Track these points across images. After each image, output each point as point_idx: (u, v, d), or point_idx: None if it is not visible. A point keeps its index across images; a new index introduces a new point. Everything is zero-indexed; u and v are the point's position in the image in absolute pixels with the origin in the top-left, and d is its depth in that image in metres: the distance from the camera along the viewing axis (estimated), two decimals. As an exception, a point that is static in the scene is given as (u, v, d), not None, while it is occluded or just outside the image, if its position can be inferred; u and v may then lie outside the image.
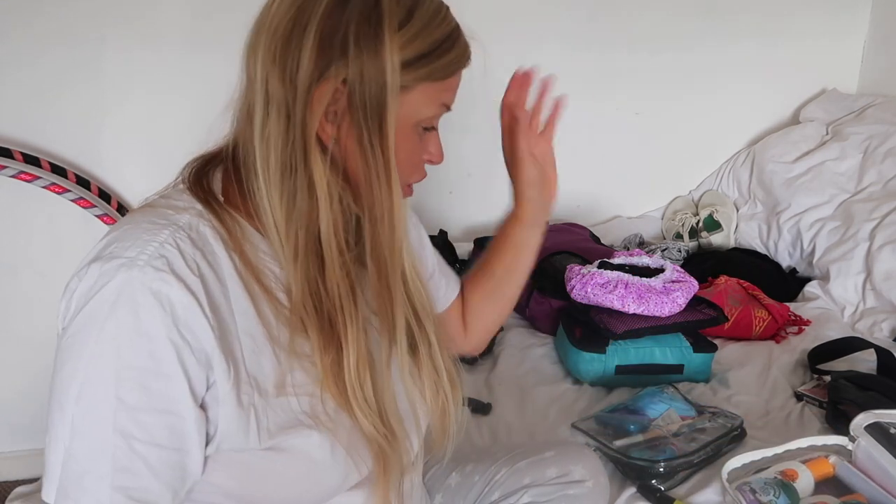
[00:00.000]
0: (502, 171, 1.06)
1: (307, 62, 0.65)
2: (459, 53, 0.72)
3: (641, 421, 1.26)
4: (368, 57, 0.65)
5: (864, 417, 1.14)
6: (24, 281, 1.92)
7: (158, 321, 0.62)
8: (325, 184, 0.68)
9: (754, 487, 1.05)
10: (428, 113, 0.73)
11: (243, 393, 0.67)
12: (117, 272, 0.62)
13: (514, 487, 0.99)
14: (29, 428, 2.02)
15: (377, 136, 0.68)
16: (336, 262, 0.70)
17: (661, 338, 1.48)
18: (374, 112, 0.67)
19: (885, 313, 1.73)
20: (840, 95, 2.29)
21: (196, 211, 0.69)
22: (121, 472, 0.62)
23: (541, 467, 1.00)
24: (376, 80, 0.66)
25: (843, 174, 2.06)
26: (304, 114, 0.66)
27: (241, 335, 0.68)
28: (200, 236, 0.67)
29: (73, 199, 1.79)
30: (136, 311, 0.61)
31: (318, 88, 0.66)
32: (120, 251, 0.64)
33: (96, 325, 0.62)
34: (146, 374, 0.62)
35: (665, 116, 2.26)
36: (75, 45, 1.77)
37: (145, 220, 0.67)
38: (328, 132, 0.68)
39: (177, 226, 0.67)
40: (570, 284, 1.56)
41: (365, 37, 0.65)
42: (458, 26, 0.72)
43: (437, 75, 0.70)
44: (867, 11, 2.29)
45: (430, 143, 0.77)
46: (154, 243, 0.64)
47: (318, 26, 0.65)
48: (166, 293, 0.62)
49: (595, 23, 2.11)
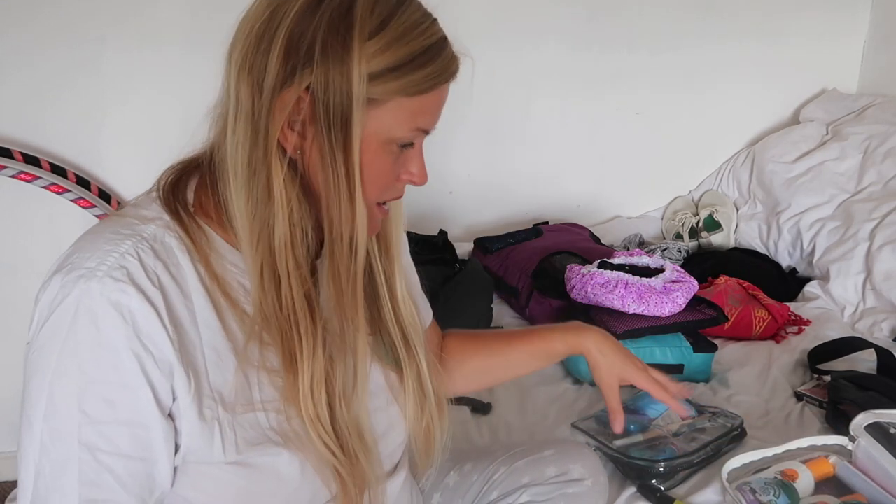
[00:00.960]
0: (502, 171, 1.06)
1: (273, 67, 0.63)
2: (439, 67, 0.67)
3: (641, 421, 1.26)
4: (334, 65, 0.62)
5: (864, 417, 1.14)
6: (24, 281, 1.91)
7: (120, 332, 0.61)
8: (283, 192, 0.66)
9: (754, 487, 1.05)
10: (400, 132, 0.68)
11: (206, 407, 0.66)
12: (76, 283, 0.61)
13: (513, 486, 0.99)
14: (29, 428, 2.02)
15: (340, 150, 0.65)
16: (292, 275, 0.67)
17: (661, 338, 1.48)
18: (339, 124, 0.64)
19: (885, 313, 1.73)
20: (840, 95, 2.29)
21: (163, 222, 0.68)
22: (87, 486, 0.62)
23: (540, 466, 0.99)
24: (341, 90, 0.63)
25: (843, 174, 2.06)
26: (267, 120, 0.64)
27: (206, 348, 0.66)
28: (165, 247, 0.66)
29: (73, 199, 1.79)
30: (97, 323, 0.61)
31: (281, 95, 0.64)
32: (81, 262, 0.63)
33: (58, 338, 0.61)
34: (109, 387, 0.62)
35: (665, 116, 2.26)
36: (75, 44, 1.77)
37: (109, 231, 0.66)
38: (292, 141, 0.66)
39: (140, 237, 0.65)
40: (570, 284, 1.56)
41: (332, 44, 0.62)
42: (441, 40, 0.68)
43: (412, 90, 0.66)
44: (867, 11, 2.29)
45: (410, 163, 0.72)
46: (115, 254, 0.63)
47: (287, 31, 0.63)
48: (126, 303, 0.61)
49: (595, 22, 2.11)
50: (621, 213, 2.34)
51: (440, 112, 0.71)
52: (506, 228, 2.06)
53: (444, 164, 2.11)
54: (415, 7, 0.67)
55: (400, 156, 0.70)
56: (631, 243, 2.17)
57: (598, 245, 1.99)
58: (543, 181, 2.24)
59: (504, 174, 2.18)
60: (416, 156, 0.72)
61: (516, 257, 1.86)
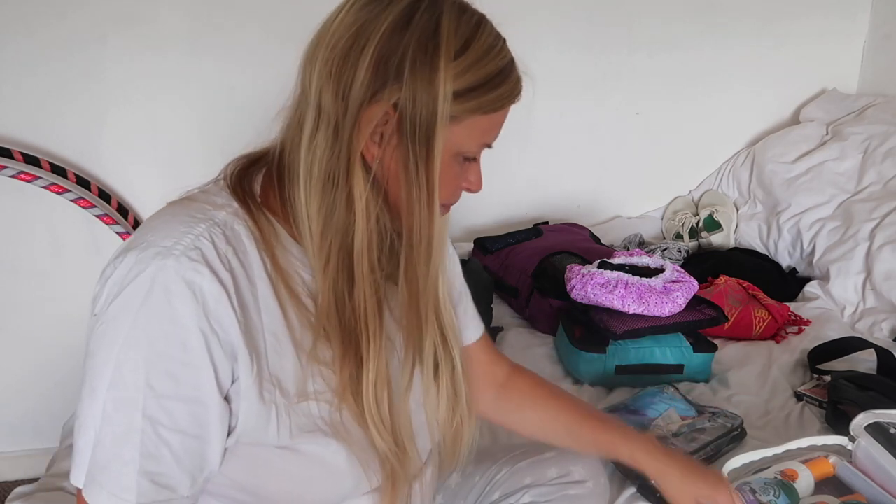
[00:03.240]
0: (502, 171, 1.06)
1: (361, 81, 0.66)
2: (510, 88, 0.72)
3: (641, 421, 1.26)
4: (422, 83, 0.66)
5: (864, 417, 1.14)
6: (24, 281, 1.92)
7: (190, 310, 0.63)
8: (365, 201, 0.69)
9: (754, 487, 1.05)
10: (470, 147, 0.73)
11: (265, 390, 0.68)
12: (152, 260, 0.64)
13: (515, 487, 0.99)
14: (29, 428, 2.02)
15: (423, 162, 0.68)
16: (366, 278, 0.71)
17: (661, 338, 1.48)
18: (423, 138, 0.67)
19: (885, 313, 1.73)
20: (840, 95, 2.29)
21: (233, 209, 0.71)
22: (147, 458, 0.64)
23: (541, 467, 1.00)
24: (427, 107, 0.66)
25: (842, 174, 2.06)
26: (351, 131, 0.67)
27: (266, 334, 0.69)
28: (234, 234, 0.69)
29: (73, 199, 1.79)
30: (170, 300, 0.63)
31: (368, 108, 0.67)
32: (157, 240, 0.65)
33: (131, 312, 0.63)
34: (175, 363, 0.64)
35: (665, 116, 2.26)
36: (76, 46, 1.77)
37: (184, 213, 0.69)
38: (373, 152, 0.69)
39: (213, 221, 0.68)
40: (570, 284, 1.56)
41: (421, 63, 0.66)
42: (512, 60, 0.72)
43: (486, 108, 0.70)
44: (867, 12, 2.29)
45: (470, 172, 0.77)
46: (190, 235, 0.66)
47: (377, 47, 0.66)
48: (199, 283, 0.64)
49: (595, 22, 2.11)
50: (621, 213, 2.34)
51: (501, 129, 0.76)
52: (506, 228, 2.06)
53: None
54: (490, 29, 0.71)
55: (464, 166, 0.75)
56: (631, 243, 2.17)
57: (598, 245, 1.99)
58: (543, 181, 2.24)
59: (504, 174, 2.18)
60: (476, 167, 0.78)
61: (516, 257, 1.86)
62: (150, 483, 0.64)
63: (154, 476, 0.64)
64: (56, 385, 1.96)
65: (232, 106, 1.88)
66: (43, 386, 1.98)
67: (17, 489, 1.21)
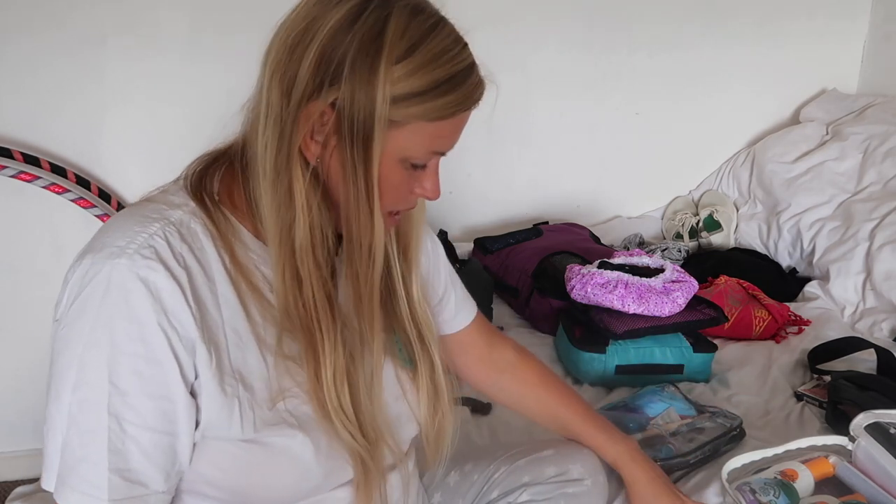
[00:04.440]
0: (501, 172, 1.06)
1: (303, 78, 0.66)
2: (462, 96, 0.69)
3: (640, 419, 1.26)
4: (360, 84, 0.65)
5: (864, 417, 1.14)
6: (23, 281, 1.92)
7: (148, 307, 0.64)
8: (305, 198, 0.69)
9: (754, 487, 1.05)
10: (416, 153, 0.70)
11: (226, 384, 0.69)
12: (107, 260, 0.64)
13: (513, 486, 0.99)
14: (29, 428, 2.02)
15: (361, 165, 0.67)
16: (312, 275, 0.70)
17: (661, 338, 1.48)
18: (360, 140, 0.66)
19: (885, 313, 1.73)
20: (840, 95, 2.29)
21: (189, 208, 0.71)
22: (115, 455, 0.64)
23: (540, 466, 1.00)
24: (365, 109, 0.65)
25: (842, 174, 2.06)
26: (292, 128, 0.67)
27: (227, 329, 0.69)
28: (190, 232, 0.69)
29: (73, 199, 1.79)
30: (127, 298, 0.64)
31: (308, 105, 0.66)
32: (111, 241, 0.66)
33: (90, 313, 0.64)
34: (138, 360, 0.64)
35: (665, 116, 2.26)
36: (76, 46, 1.77)
37: (138, 214, 0.70)
38: (312, 150, 0.68)
39: (167, 220, 0.69)
40: (570, 284, 1.56)
41: (361, 63, 0.65)
42: (467, 67, 0.69)
43: (432, 115, 0.68)
44: (867, 12, 2.29)
45: (424, 179, 0.75)
46: (144, 234, 0.67)
47: (321, 44, 0.65)
48: (153, 280, 0.64)
49: (595, 22, 2.11)
50: (621, 213, 2.34)
51: (458, 137, 0.74)
52: (506, 228, 2.06)
53: (444, 164, 2.10)
54: (446, 33, 0.68)
55: (414, 172, 0.73)
56: (631, 243, 2.17)
57: (598, 245, 1.99)
58: (543, 181, 2.24)
59: (504, 174, 2.18)
60: (431, 173, 0.75)
61: (516, 257, 1.86)
62: (121, 479, 0.64)
63: (124, 472, 0.64)
64: (56, 385, 1.96)
65: (231, 107, 1.88)
66: (43, 386, 1.97)
67: (17, 489, 1.21)
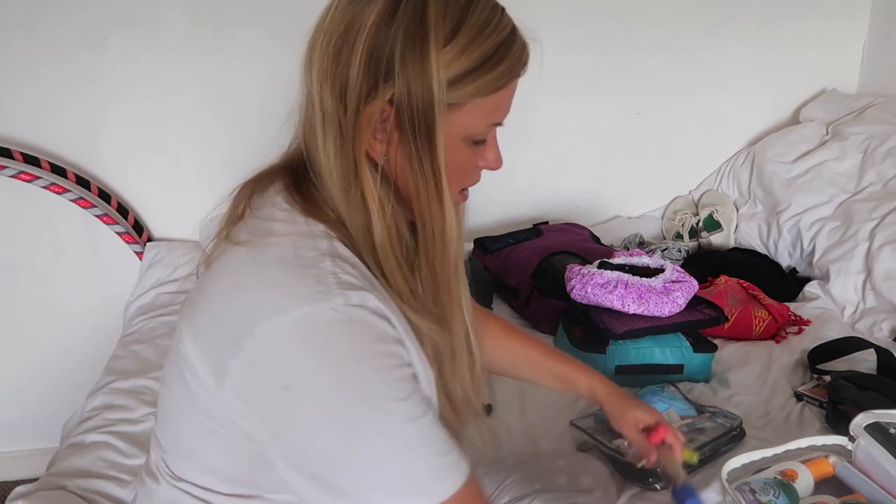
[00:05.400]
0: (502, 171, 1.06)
1: (355, 80, 0.65)
2: (512, 63, 0.69)
3: (641, 421, 1.26)
4: (414, 75, 0.64)
5: (864, 417, 1.13)
6: (24, 281, 1.92)
7: (379, 326, 0.64)
8: (378, 200, 0.68)
9: (754, 487, 1.05)
10: (478, 129, 0.71)
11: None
12: (317, 305, 0.62)
13: (525, 492, 1.00)
14: (29, 428, 2.02)
15: (427, 155, 0.67)
16: (395, 271, 0.70)
17: (661, 338, 1.48)
18: (423, 130, 0.66)
19: (885, 313, 1.73)
20: (840, 95, 2.29)
21: (321, 232, 0.69)
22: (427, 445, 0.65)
23: (551, 475, 1.02)
24: (423, 99, 0.65)
25: (842, 174, 2.06)
26: (354, 132, 0.66)
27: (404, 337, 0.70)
28: (345, 256, 0.68)
29: (73, 199, 1.79)
30: (361, 328, 0.63)
31: (366, 107, 0.66)
32: (302, 290, 0.63)
33: (335, 359, 0.62)
34: (397, 370, 0.65)
35: (665, 116, 2.26)
36: (76, 46, 1.77)
37: (298, 256, 0.66)
38: (377, 150, 0.68)
39: (325, 253, 0.66)
40: (570, 284, 1.56)
41: (410, 55, 0.64)
42: (512, 31, 0.70)
43: (488, 89, 0.68)
44: (867, 12, 2.29)
45: (487, 151, 0.75)
46: (329, 275, 0.64)
47: (366, 44, 0.65)
48: (369, 304, 0.64)
49: (595, 22, 2.11)
50: (621, 213, 2.34)
51: (511, 103, 0.73)
52: (506, 228, 2.06)
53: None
54: (483, 3, 0.68)
55: (477, 148, 0.73)
56: (631, 243, 2.17)
57: (598, 245, 1.99)
58: (543, 181, 2.24)
59: (504, 174, 2.17)
60: (492, 145, 0.76)
61: (516, 257, 1.86)
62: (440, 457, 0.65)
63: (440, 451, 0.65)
64: (56, 385, 1.96)
65: (231, 106, 1.88)
66: (43, 386, 1.98)
67: (18, 489, 1.21)
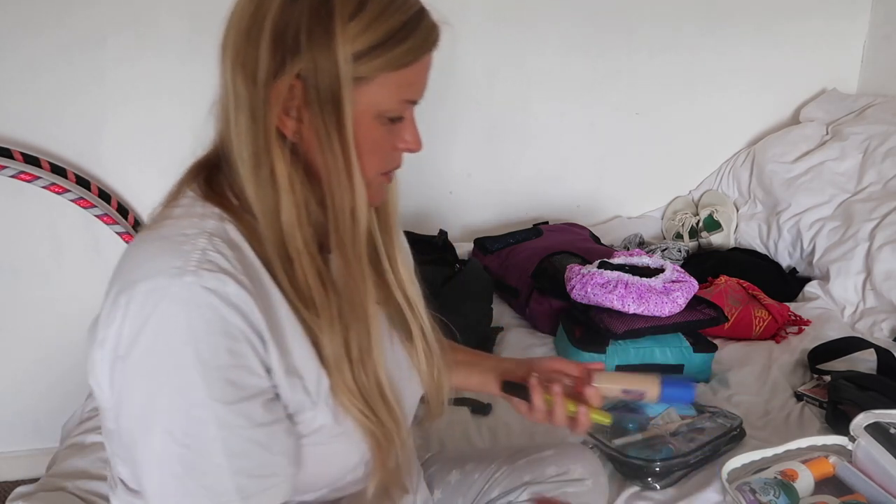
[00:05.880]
0: (501, 172, 1.06)
1: (264, 59, 0.66)
2: (420, 40, 0.69)
3: (640, 419, 1.26)
4: (320, 51, 0.65)
5: (864, 417, 1.14)
6: (24, 281, 1.92)
7: (225, 316, 0.63)
8: (287, 177, 0.69)
9: (754, 487, 1.05)
10: (390, 105, 0.70)
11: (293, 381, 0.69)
12: (171, 283, 0.62)
13: (514, 485, 0.99)
14: (29, 428, 2.02)
15: (335, 130, 0.68)
16: (302, 254, 0.70)
17: (661, 338, 1.48)
18: (330, 106, 0.67)
19: (885, 313, 1.73)
20: (840, 95, 2.29)
21: (216, 215, 0.70)
22: (235, 459, 0.64)
23: (540, 466, 1.00)
24: (329, 74, 0.66)
25: (842, 174, 2.06)
26: (264, 110, 0.67)
27: (287, 323, 0.69)
28: (229, 238, 0.68)
29: (73, 199, 1.79)
30: (203, 313, 0.62)
31: (275, 84, 0.66)
32: (163, 264, 0.64)
33: (167, 338, 0.62)
34: (231, 370, 0.63)
35: (665, 116, 2.26)
36: (76, 46, 1.77)
37: (176, 233, 0.67)
38: (289, 127, 0.69)
39: (208, 233, 0.67)
40: (570, 284, 1.56)
41: (316, 30, 0.65)
42: (420, 10, 0.70)
43: (396, 64, 0.68)
44: (867, 11, 2.29)
45: (404, 131, 0.75)
46: (196, 251, 0.65)
47: (273, 22, 0.66)
48: (223, 290, 0.63)
49: (595, 22, 2.11)
50: (621, 213, 2.34)
51: (425, 82, 0.73)
52: (506, 228, 2.06)
53: (444, 164, 2.11)
54: None
55: (393, 127, 0.73)
56: (631, 243, 2.17)
57: (598, 245, 1.99)
58: (543, 181, 2.24)
59: (504, 174, 2.18)
60: (409, 125, 0.75)
61: (516, 257, 1.86)
62: (248, 478, 0.64)
63: (250, 472, 0.65)
64: (56, 385, 1.96)
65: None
66: (43, 386, 1.98)
67: (18, 489, 1.21)
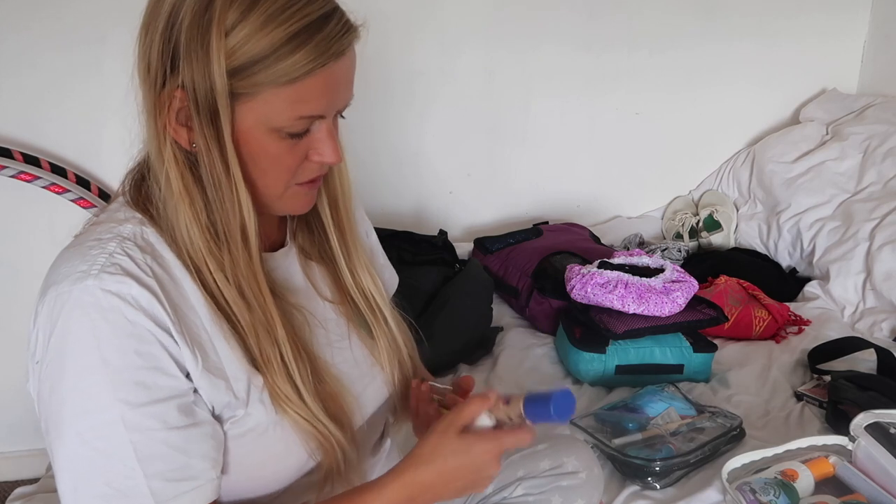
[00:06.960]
0: (501, 172, 1.06)
1: (154, 61, 0.64)
2: (315, 52, 0.63)
3: (640, 419, 1.26)
4: (197, 63, 0.62)
5: (864, 417, 1.14)
6: (24, 281, 1.91)
7: (132, 318, 0.62)
8: (181, 184, 0.66)
9: (754, 487, 1.05)
10: (283, 121, 0.66)
11: (215, 382, 0.67)
12: (73, 287, 0.62)
13: (508, 480, 0.99)
14: (29, 428, 2.02)
15: (214, 144, 0.64)
16: (207, 259, 0.68)
17: (661, 338, 1.48)
18: (208, 119, 0.64)
19: (885, 313, 1.73)
20: (840, 95, 2.29)
21: (137, 219, 0.69)
22: (148, 462, 0.62)
23: (534, 460, 1.00)
24: (205, 87, 0.62)
25: (843, 174, 2.06)
26: (155, 115, 0.66)
27: (206, 327, 0.68)
28: (146, 242, 0.67)
29: (73, 199, 1.79)
30: (107, 316, 0.62)
31: (162, 91, 0.65)
32: (70, 269, 0.63)
33: (73, 342, 0.62)
34: (139, 371, 0.62)
35: (665, 116, 2.26)
36: (76, 46, 1.77)
37: (90, 239, 0.67)
38: (182, 135, 0.66)
39: (122, 236, 0.67)
40: (570, 284, 1.56)
41: (194, 41, 0.62)
42: (318, 19, 0.63)
43: (282, 79, 0.63)
44: (867, 11, 2.28)
45: (319, 144, 0.70)
46: (103, 255, 0.64)
47: (163, 24, 0.63)
48: (127, 291, 0.62)
49: (595, 22, 2.11)
50: (621, 213, 2.34)
51: (333, 95, 0.68)
52: (506, 228, 2.06)
53: (444, 164, 2.11)
54: None
55: (301, 140, 0.69)
56: (631, 243, 2.17)
57: (598, 245, 1.99)
58: (543, 181, 2.24)
59: (504, 174, 2.18)
60: (324, 138, 0.70)
61: (516, 257, 1.86)
62: (164, 482, 0.63)
63: (165, 474, 0.63)
64: (56, 385, 1.96)
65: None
66: (43, 386, 1.98)
67: (18, 489, 1.21)
